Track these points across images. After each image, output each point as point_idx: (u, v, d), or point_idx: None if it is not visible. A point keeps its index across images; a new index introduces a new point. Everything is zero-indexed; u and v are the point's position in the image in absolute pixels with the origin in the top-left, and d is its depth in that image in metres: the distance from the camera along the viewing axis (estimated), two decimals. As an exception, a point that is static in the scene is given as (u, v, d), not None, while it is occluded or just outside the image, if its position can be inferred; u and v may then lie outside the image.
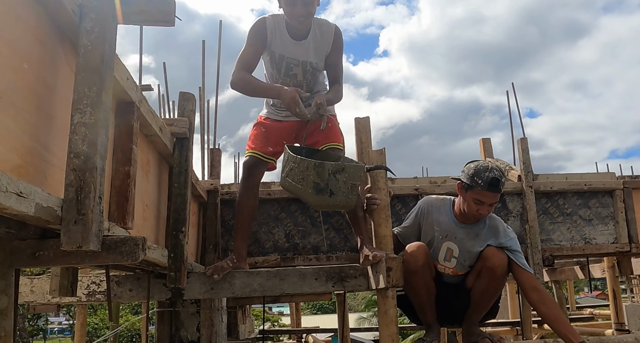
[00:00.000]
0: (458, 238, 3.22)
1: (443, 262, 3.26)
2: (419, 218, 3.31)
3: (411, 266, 3.03)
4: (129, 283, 2.96)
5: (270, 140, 3.23)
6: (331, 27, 3.22)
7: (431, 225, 3.27)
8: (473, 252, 3.22)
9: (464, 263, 3.25)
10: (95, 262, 1.36)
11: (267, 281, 2.99)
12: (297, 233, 3.82)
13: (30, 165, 1.24)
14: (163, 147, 2.40)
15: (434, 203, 3.33)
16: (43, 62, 1.30)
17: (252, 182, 3.22)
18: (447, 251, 3.26)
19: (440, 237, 3.25)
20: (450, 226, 3.24)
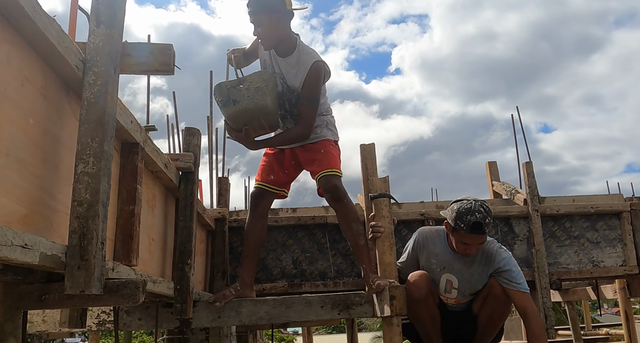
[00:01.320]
0: (456, 270, 3.22)
1: (444, 294, 3.28)
2: (416, 251, 3.31)
3: (414, 295, 3.05)
4: (137, 313, 3.01)
5: (272, 169, 3.32)
6: (310, 61, 3.14)
7: (428, 257, 3.27)
8: (472, 281, 3.23)
9: (464, 292, 3.26)
10: (98, 305, 1.42)
11: (274, 309, 3.03)
12: (304, 260, 3.86)
13: (36, 214, 1.31)
14: (169, 181, 2.47)
15: (428, 235, 3.33)
16: (48, 116, 1.38)
17: (258, 212, 3.29)
18: (446, 283, 3.27)
19: (438, 270, 3.25)
20: (447, 258, 3.24)
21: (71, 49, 1.38)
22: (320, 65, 3.14)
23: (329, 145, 3.29)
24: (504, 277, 3.10)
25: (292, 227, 3.89)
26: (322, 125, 3.31)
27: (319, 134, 3.29)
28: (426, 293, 3.09)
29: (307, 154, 3.26)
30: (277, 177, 3.31)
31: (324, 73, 3.20)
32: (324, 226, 3.89)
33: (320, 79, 3.16)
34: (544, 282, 3.94)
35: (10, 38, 1.20)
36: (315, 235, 3.90)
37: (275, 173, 3.31)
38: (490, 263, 3.16)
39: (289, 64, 3.18)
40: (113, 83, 1.46)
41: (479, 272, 3.18)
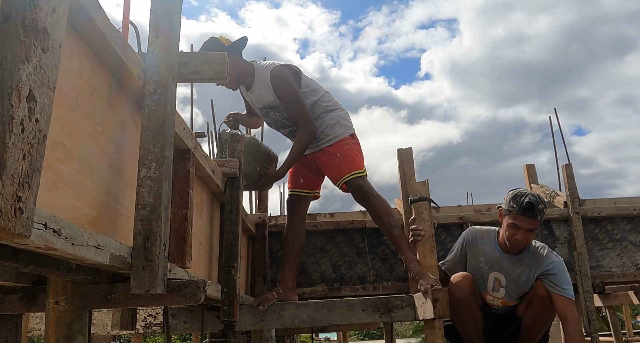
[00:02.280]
0: (504, 269, 3.21)
1: (492, 293, 3.26)
2: (465, 249, 3.32)
3: (457, 296, 3.05)
4: (183, 316, 3.08)
5: (300, 174, 3.42)
6: (267, 72, 3.23)
7: (476, 255, 3.28)
8: (520, 282, 3.21)
9: (512, 293, 3.24)
10: (160, 304, 1.48)
11: (316, 312, 3.07)
12: (343, 264, 3.89)
13: (103, 217, 1.37)
14: (215, 186, 2.53)
15: (478, 233, 3.34)
16: (113, 123, 1.45)
17: (296, 217, 3.38)
18: (494, 281, 3.26)
19: (486, 268, 3.25)
20: (496, 256, 3.24)
21: (134, 59, 1.44)
22: (278, 70, 3.22)
23: (344, 146, 3.31)
24: (550, 280, 3.07)
25: (331, 232, 3.93)
26: (333, 123, 3.34)
27: (333, 135, 3.32)
28: (469, 294, 3.09)
29: (324, 157, 3.30)
30: (306, 180, 3.41)
31: (288, 72, 3.25)
32: (363, 230, 3.92)
33: (285, 80, 3.21)
34: (586, 286, 3.89)
35: (81, 50, 1.27)
36: (354, 240, 3.92)
37: (303, 177, 3.41)
38: (538, 265, 3.14)
39: (256, 89, 3.28)
40: (172, 91, 1.52)
41: (527, 273, 3.16)
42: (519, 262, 3.21)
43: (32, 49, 0.92)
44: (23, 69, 0.89)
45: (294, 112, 3.21)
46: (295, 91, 3.21)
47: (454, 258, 3.34)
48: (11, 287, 1.63)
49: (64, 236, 1.02)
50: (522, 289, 3.21)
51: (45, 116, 0.94)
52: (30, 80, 0.90)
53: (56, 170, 1.15)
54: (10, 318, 1.73)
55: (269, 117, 3.37)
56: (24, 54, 0.90)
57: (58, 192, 1.15)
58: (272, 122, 3.39)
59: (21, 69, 0.89)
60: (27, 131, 0.89)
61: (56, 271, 1.22)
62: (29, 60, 0.91)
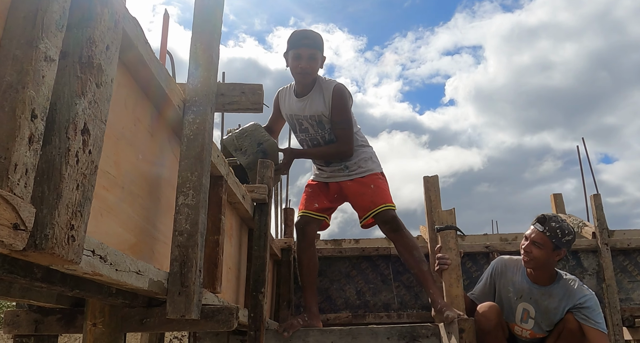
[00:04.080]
0: (533, 299, 3.17)
1: (520, 324, 3.22)
2: (494, 279, 3.29)
3: (484, 326, 3.02)
4: (208, 339, 3.11)
5: (316, 198, 3.42)
6: (331, 84, 3.35)
7: (505, 285, 3.25)
8: (549, 313, 3.17)
9: (541, 324, 3.19)
10: (194, 329, 1.51)
11: (340, 339, 3.07)
12: (368, 291, 3.89)
13: (142, 243, 1.42)
14: (244, 212, 2.57)
15: (507, 263, 3.31)
16: (153, 152, 1.50)
17: (306, 242, 3.40)
18: (523, 312, 3.22)
19: (515, 298, 3.21)
20: (524, 286, 3.20)
21: (175, 90, 1.50)
22: (342, 87, 3.35)
23: (377, 180, 3.38)
24: (583, 313, 3.03)
25: (356, 258, 3.93)
26: (367, 157, 3.43)
27: (366, 168, 3.40)
28: (495, 325, 3.05)
29: (356, 186, 3.34)
30: (321, 205, 3.41)
31: (348, 94, 3.39)
32: (388, 257, 3.92)
33: (345, 98, 3.34)
34: (615, 319, 3.82)
35: (127, 83, 1.33)
36: (379, 266, 3.92)
37: (318, 202, 3.41)
38: (570, 298, 3.09)
39: (311, 98, 3.35)
40: (210, 121, 1.57)
41: (557, 305, 3.11)
42: (549, 293, 3.17)
43: (88, 85, 0.97)
44: (79, 104, 0.94)
45: (340, 131, 3.32)
46: (349, 111, 3.37)
47: (483, 288, 3.31)
48: (51, 308, 1.68)
49: (109, 262, 1.07)
50: (551, 321, 3.16)
51: (97, 148, 0.99)
52: (85, 114, 0.96)
53: (102, 198, 1.19)
54: (48, 338, 1.78)
55: (306, 131, 3.40)
56: (80, 90, 0.96)
57: (103, 218, 1.20)
58: (305, 137, 3.43)
59: (77, 103, 0.94)
60: (81, 162, 0.94)
61: (98, 295, 1.26)
62: (84, 95, 0.96)
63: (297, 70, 3.28)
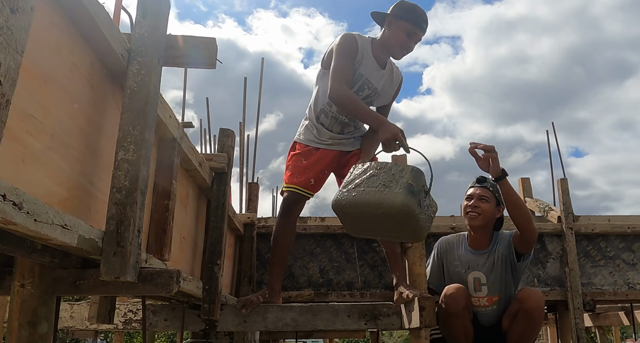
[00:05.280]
0: (480, 265, 3.24)
1: (475, 294, 3.23)
2: (441, 259, 3.35)
3: (451, 309, 3.00)
4: (164, 313, 3.01)
5: (312, 172, 3.15)
6: (400, 73, 3.36)
7: (452, 261, 3.31)
8: (497, 270, 3.20)
9: (494, 286, 3.21)
10: (131, 293, 1.42)
11: (300, 316, 3.00)
12: (331, 269, 3.83)
13: (75, 198, 1.32)
14: (202, 181, 2.48)
15: (449, 240, 3.41)
16: (93, 103, 1.40)
17: (291, 219, 3.19)
18: (474, 281, 3.25)
19: (463, 271, 3.26)
20: (469, 257, 3.26)
21: (118, 37, 1.39)
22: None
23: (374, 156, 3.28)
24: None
25: (321, 236, 3.86)
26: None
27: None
28: (463, 307, 3.03)
29: (356, 158, 3.18)
30: (317, 181, 3.17)
31: None
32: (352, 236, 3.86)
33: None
34: (577, 303, 3.83)
35: (62, 24, 1.22)
36: (344, 245, 3.86)
37: (316, 178, 3.16)
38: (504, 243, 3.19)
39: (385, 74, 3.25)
40: (156, 73, 1.47)
41: (499, 256, 3.19)
42: (489, 251, 3.24)
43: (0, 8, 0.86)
44: (-13, 28, 0.84)
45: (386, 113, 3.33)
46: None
47: (432, 270, 3.32)
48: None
49: (25, 211, 0.97)
50: (502, 277, 3.20)
51: (10, 80, 0.89)
52: (-5, 40, 0.85)
53: (25, 143, 1.09)
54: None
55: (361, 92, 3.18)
56: (-10, 13, 0.85)
57: (26, 166, 1.10)
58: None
59: (-15, 27, 0.84)
60: (-12, 93, 0.84)
61: (20, 250, 1.16)
62: (-6, 20, 0.85)
63: (402, 47, 3.15)
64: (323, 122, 3.21)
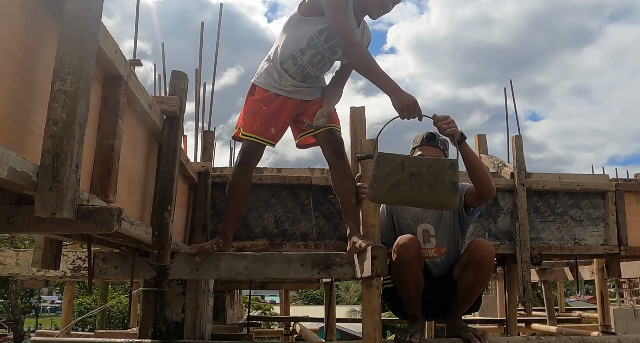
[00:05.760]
0: (428, 217, 3.31)
1: (424, 245, 3.30)
2: (390, 212, 3.39)
3: (403, 258, 3.04)
4: (114, 261, 2.96)
5: (273, 121, 3.07)
6: (370, 34, 3.28)
7: (401, 214, 3.37)
8: (445, 220, 3.27)
9: (442, 237, 3.28)
10: (69, 230, 1.36)
11: (253, 265, 3.00)
12: (286, 220, 3.82)
13: (7, 130, 1.23)
14: (152, 124, 2.39)
15: None
16: (27, 29, 1.30)
17: (248, 168, 3.14)
18: (423, 233, 3.32)
19: (412, 223, 3.32)
20: (418, 209, 3.32)
21: (53, -43, 1.29)
22: None
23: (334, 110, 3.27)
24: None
25: (277, 186, 3.83)
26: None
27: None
28: (414, 257, 3.08)
29: (317, 107, 3.12)
30: (278, 129, 3.10)
31: None
32: (309, 187, 3.84)
33: None
34: (524, 256, 3.94)
35: None
36: (299, 196, 3.85)
37: (276, 126, 3.09)
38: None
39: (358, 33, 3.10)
40: (97, 1, 1.37)
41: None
42: None
43: None
44: None
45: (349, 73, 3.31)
46: None
47: (382, 224, 3.33)
48: None
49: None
50: (450, 227, 3.27)
51: None
52: None
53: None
54: None
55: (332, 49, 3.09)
56: None
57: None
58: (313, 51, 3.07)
59: None
60: None
61: (-58, 180, 1.08)
62: None
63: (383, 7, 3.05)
64: (288, 68, 3.09)
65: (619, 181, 4.73)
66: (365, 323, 2.92)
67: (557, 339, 3.42)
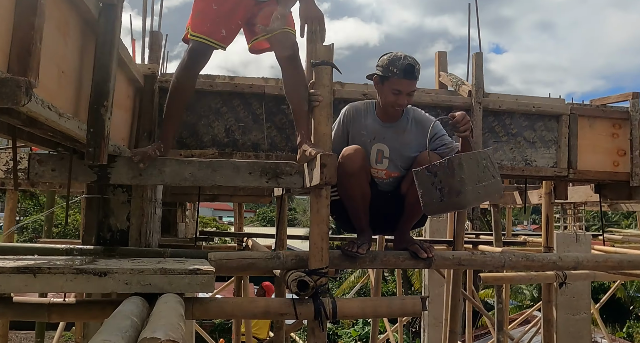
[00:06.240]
0: (387, 138, 3.23)
1: (375, 165, 3.25)
2: (346, 125, 3.30)
3: (348, 168, 2.98)
4: (51, 163, 2.81)
5: (225, 22, 2.93)
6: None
7: (358, 130, 3.26)
8: (404, 149, 3.22)
9: (396, 162, 3.24)
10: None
11: (199, 171, 2.90)
12: (237, 129, 3.70)
13: None
14: (86, 11, 2.19)
15: (358, 107, 3.32)
16: None
17: (194, 72, 3.01)
18: (377, 153, 3.25)
19: (368, 140, 3.24)
20: (377, 128, 3.24)
21: None
22: None
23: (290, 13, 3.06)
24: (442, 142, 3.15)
25: (228, 94, 3.68)
26: None
27: None
28: (359, 167, 3.03)
29: (272, 9, 2.93)
30: (229, 32, 2.95)
31: None
32: (262, 96, 3.70)
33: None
34: (475, 174, 3.95)
35: None
36: (252, 105, 3.71)
37: (227, 28, 2.93)
38: (423, 128, 3.18)
39: None
40: None
41: (411, 138, 3.20)
42: (401, 129, 3.23)
43: None
44: None
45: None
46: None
47: (336, 136, 3.24)
48: None
49: None
50: (407, 157, 3.21)
51: None
52: None
53: None
54: None
55: None
56: None
57: None
58: None
59: None
60: None
61: None
62: None
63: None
64: None
65: (574, 105, 4.74)
66: (313, 232, 2.90)
67: (501, 254, 3.50)
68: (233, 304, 2.78)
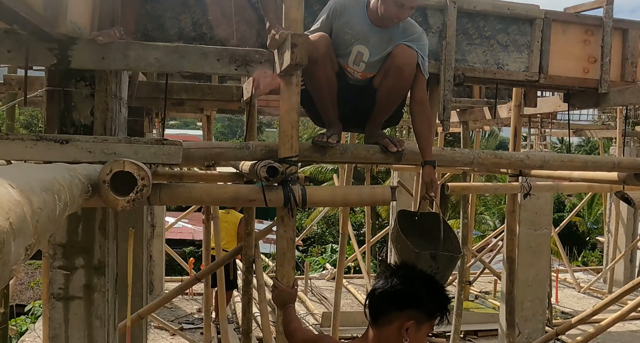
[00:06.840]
0: (371, 43, 3.12)
1: (352, 66, 3.17)
2: (331, 20, 3.15)
3: (312, 55, 2.89)
4: (7, 43, 2.67)
5: None
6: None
7: (343, 27, 3.13)
8: (385, 55, 3.13)
9: (373, 67, 3.17)
10: None
11: (166, 56, 2.80)
12: (205, 23, 3.54)
13: None
14: None
15: (347, 3, 3.15)
16: None
17: None
18: (357, 55, 3.16)
19: (352, 40, 3.13)
20: (364, 29, 3.11)
21: None
22: None
23: None
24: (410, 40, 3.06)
25: (195, -15, 3.50)
26: None
27: None
28: (324, 54, 2.96)
29: None
30: None
31: None
32: (232, -8, 3.53)
33: None
34: (448, 75, 3.91)
35: None
36: None
37: None
38: (404, 34, 3.08)
39: None
40: None
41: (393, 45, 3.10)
42: (388, 36, 3.12)
43: None
44: None
45: None
46: None
47: (318, 29, 3.14)
48: None
49: None
50: (384, 57, 3.14)
51: None
52: None
53: None
54: None
55: None
56: None
57: None
58: None
59: None
60: None
61: None
62: None
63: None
64: None
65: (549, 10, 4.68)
66: (283, 120, 2.86)
67: (470, 151, 3.52)
68: (201, 189, 2.75)
